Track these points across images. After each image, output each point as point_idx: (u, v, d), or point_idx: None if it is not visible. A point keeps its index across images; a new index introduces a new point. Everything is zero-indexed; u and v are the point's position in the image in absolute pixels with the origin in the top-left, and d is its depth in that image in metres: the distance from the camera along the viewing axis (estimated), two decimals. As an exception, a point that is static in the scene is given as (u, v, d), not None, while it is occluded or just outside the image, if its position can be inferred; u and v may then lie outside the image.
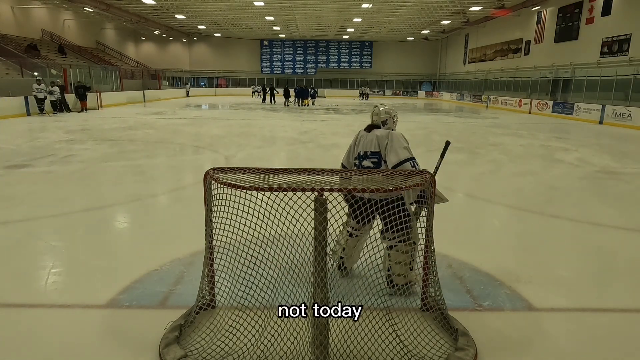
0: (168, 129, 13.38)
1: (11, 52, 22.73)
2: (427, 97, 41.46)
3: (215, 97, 38.20)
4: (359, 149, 3.13)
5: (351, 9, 26.61)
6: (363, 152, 3.10)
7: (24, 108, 16.39)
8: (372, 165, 3.05)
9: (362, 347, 2.38)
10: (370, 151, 3.06)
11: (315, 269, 2.24)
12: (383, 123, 3.16)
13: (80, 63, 27.53)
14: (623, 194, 6.45)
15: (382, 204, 2.74)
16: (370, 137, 3.09)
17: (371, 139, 3.07)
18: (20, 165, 7.59)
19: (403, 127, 15.08)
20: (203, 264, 2.73)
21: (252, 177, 2.52)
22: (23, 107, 16.37)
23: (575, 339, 2.64)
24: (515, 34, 27.56)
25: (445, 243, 3.84)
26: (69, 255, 3.81)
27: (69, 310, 2.87)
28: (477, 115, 21.63)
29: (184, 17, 30.54)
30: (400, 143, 2.99)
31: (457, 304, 2.96)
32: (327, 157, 8.82)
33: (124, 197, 5.73)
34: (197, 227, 3.01)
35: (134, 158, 8.50)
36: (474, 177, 7.30)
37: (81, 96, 19.55)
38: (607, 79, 18.44)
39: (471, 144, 11.04)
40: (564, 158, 9.16)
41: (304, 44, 43.32)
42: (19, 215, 4.82)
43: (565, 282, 3.40)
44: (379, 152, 3.03)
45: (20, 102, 16.28)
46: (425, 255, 2.69)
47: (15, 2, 25.88)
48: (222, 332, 2.47)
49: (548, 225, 4.86)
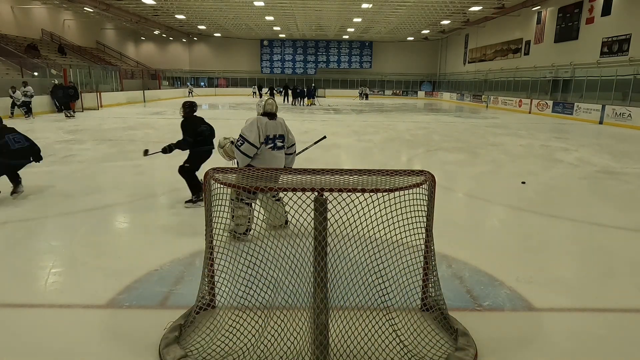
0: (168, 129, 13.37)
1: (11, 52, 22.72)
2: (427, 97, 41.44)
3: (215, 97, 38.19)
4: (268, 132, 3.98)
5: (351, 9, 26.59)
6: (272, 135, 4.02)
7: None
8: (281, 144, 4.10)
9: (362, 347, 2.38)
10: (279, 134, 4.07)
11: (315, 269, 2.24)
12: (277, 112, 4.15)
13: (80, 63, 27.52)
14: (623, 194, 6.45)
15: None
16: (275, 124, 4.05)
17: (276, 124, 4.06)
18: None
19: (403, 127, 15.13)
20: (203, 264, 2.73)
21: (252, 177, 2.52)
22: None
23: (575, 339, 2.64)
24: (515, 34, 27.55)
25: (445, 243, 3.84)
26: (69, 255, 3.81)
27: (69, 310, 2.87)
28: (477, 115, 21.63)
29: (184, 17, 30.52)
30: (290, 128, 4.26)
31: (457, 304, 2.96)
32: (327, 157, 8.82)
33: (124, 197, 5.73)
34: (197, 227, 3.02)
35: (134, 158, 8.49)
36: (474, 177, 7.30)
37: (72, 97, 18.25)
38: (607, 79, 18.44)
39: (471, 144, 11.04)
40: (564, 158, 9.16)
41: (304, 44, 43.30)
42: (19, 215, 4.82)
43: (565, 282, 3.40)
44: (283, 135, 4.10)
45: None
46: (425, 255, 2.69)
47: (15, 2, 25.87)
48: (222, 332, 2.47)
49: (548, 225, 4.86)
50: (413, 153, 9.88)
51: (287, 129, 4.20)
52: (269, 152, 4.03)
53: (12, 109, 15.70)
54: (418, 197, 2.49)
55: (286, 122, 4.26)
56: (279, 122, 4.12)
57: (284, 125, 4.16)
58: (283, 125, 4.15)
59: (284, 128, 4.16)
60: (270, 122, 4.02)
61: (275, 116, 4.10)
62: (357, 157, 9.33)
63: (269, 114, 4.06)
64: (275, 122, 4.07)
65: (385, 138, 12.12)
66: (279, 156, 4.12)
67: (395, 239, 2.44)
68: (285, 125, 4.19)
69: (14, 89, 15.60)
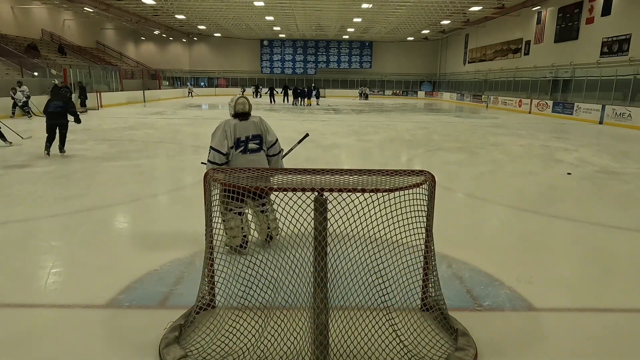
0: (168, 129, 13.38)
1: (11, 52, 22.72)
2: (427, 97, 41.45)
3: (215, 97, 38.20)
4: (238, 135, 3.64)
5: (351, 9, 26.60)
6: (244, 137, 3.66)
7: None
8: (256, 146, 3.72)
9: (362, 347, 2.38)
10: (252, 134, 3.70)
11: (315, 269, 2.24)
12: (250, 111, 3.79)
13: (80, 63, 27.52)
14: (623, 194, 6.45)
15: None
16: (246, 124, 3.70)
17: (247, 125, 3.70)
18: (20, 165, 7.59)
19: (403, 127, 15.13)
20: (203, 264, 2.73)
21: (252, 177, 2.52)
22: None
23: (575, 339, 2.64)
24: (515, 34, 27.56)
25: (445, 243, 3.84)
26: (69, 255, 3.81)
27: (69, 310, 2.87)
28: (477, 115, 21.63)
29: (184, 17, 30.53)
30: (270, 126, 3.85)
31: (457, 304, 2.96)
32: (327, 157, 8.82)
33: (124, 197, 5.73)
34: (197, 227, 3.02)
35: (134, 158, 8.49)
36: (474, 177, 7.30)
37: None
38: (607, 79, 18.44)
39: (471, 144, 11.04)
40: (564, 158, 9.16)
41: (304, 44, 43.31)
42: (19, 215, 4.82)
43: (565, 282, 3.40)
44: (259, 135, 3.73)
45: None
46: (425, 255, 2.69)
47: (15, 2, 25.87)
48: (222, 332, 2.47)
49: (548, 225, 4.86)
50: (413, 153, 9.88)
51: (264, 128, 3.78)
52: (242, 157, 3.67)
53: (13, 109, 15.74)
54: (418, 197, 2.48)
55: (266, 120, 3.92)
56: (253, 121, 3.74)
57: (259, 124, 3.76)
58: (258, 124, 3.75)
59: (260, 127, 3.75)
60: (240, 123, 3.68)
61: (247, 116, 3.74)
62: (357, 157, 9.33)
63: (240, 114, 3.71)
64: (246, 122, 3.70)
65: (385, 138, 12.12)
66: (256, 159, 3.71)
67: (395, 239, 2.44)
68: (263, 123, 3.79)
69: (14, 90, 15.66)
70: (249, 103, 3.80)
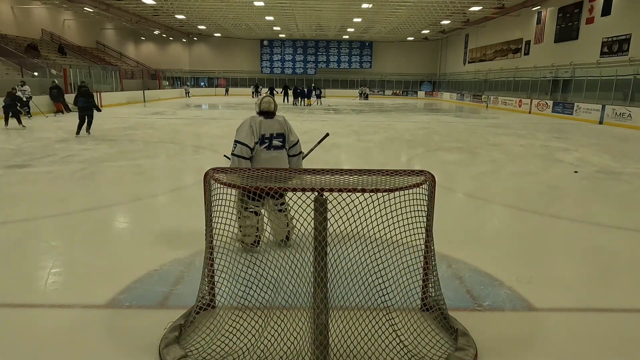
0: (168, 129, 13.38)
1: (11, 52, 22.73)
2: (427, 97, 41.44)
3: (215, 97, 38.19)
4: (262, 131, 3.75)
5: (351, 9, 26.59)
6: (268, 134, 3.78)
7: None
8: (280, 143, 3.84)
9: (362, 347, 2.38)
10: (277, 132, 3.82)
11: (315, 269, 2.24)
12: (275, 111, 3.90)
13: (80, 63, 27.53)
14: (623, 194, 6.45)
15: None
16: (271, 122, 3.81)
17: (272, 123, 3.81)
18: (20, 165, 7.59)
19: (403, 127, 15.13)
20: (203, 264, 2.73)
21: (252, 177, 2.52)
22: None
23: (575, 339, 2.64)
24: (515, 34, 27.55)
25: (445, 243, 3.85)
26: (69, 255, 3.81)
27: (69, 310, 2.87)
28: (477, 115, 21.63)
29: (184, 17, 30.53)
30: (292, 127, 3.97)
31: (457, 304, 2.96)
32: (327, 157, 8.81)
33: (124, 197, 5.73)
34: (197, 227, 3.02)
35: (134, 158, 8.49)
36: (474, 177, 7.30)
37: (56, 97, 17.96)
38: (607, 79, 18.44)
39: (471, 144, 11.04)
40: (564, 158, 9.16)
41: (304, 44, 43.30)
42: (19, 215, 4.82)
43: (565, 282, 3.40)
44: (283, 134, 3.84)
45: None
46: (425, 255, 2.69)
47: (15, 2, 25.87)
48: (222, 332, 2.47)
49: (548, 225, 4.86)
50: (413, 153, 9.88)
51: (288, 128, 3.90)
52: (265, 153, 3.78)
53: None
54: (418, 197, 2.48)
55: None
56: (277, 120, 3.85)
57: (283, 123, 3.87)
58: (282, 123, 3.87)
59: (284, 127, 3.87)
60: (265, 120, 3.79)
61: (272, 115, 3.85)
62: (357, 157, 9.33)
63: (266, 113, 3.82)
64: (272, 120, 3.82)
65: (385, 138, 12.12)
66: (279, 156, 3.84)
67: (395, 239, 2.43)
68: (287, 123, 3.91)
69: (14, 90, 15.68)
70: (275, 103, 3.92)
